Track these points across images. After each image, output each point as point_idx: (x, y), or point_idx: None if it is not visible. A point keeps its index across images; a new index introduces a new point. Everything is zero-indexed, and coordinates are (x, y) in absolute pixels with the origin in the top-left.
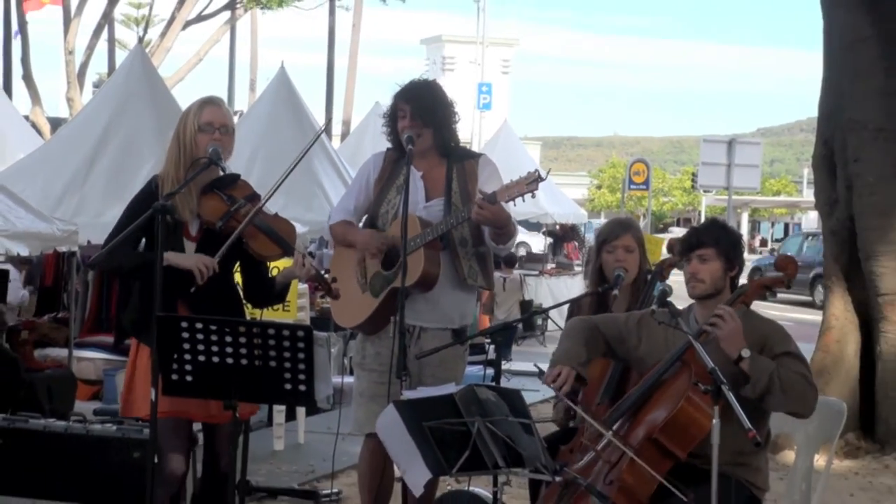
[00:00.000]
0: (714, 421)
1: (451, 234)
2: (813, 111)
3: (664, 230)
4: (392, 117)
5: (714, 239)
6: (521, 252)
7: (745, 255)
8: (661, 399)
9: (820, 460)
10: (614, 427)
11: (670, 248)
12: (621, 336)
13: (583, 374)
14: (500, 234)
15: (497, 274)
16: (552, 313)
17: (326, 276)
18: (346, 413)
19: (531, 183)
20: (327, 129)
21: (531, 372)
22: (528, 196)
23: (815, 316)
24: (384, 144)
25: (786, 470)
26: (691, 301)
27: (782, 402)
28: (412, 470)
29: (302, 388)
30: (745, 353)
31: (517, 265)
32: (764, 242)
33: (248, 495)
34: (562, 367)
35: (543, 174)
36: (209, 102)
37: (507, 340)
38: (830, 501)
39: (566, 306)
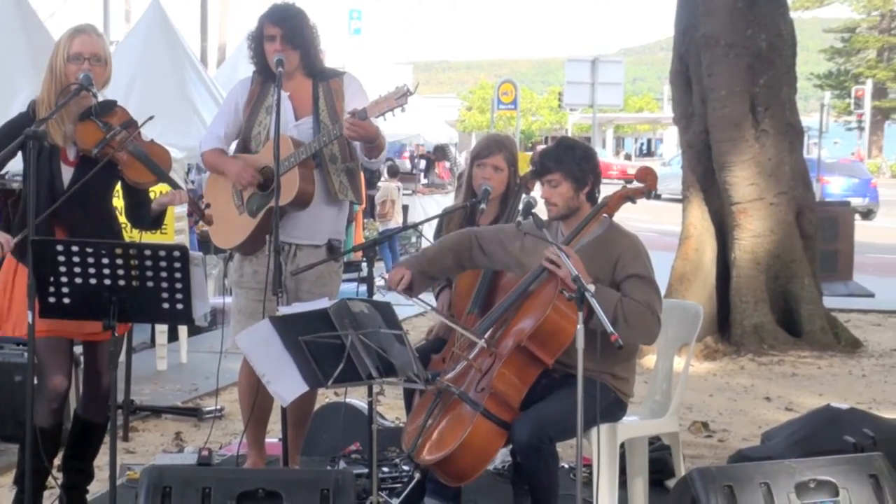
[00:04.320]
0: (578, 326)
1: (322, 152)
2: (672, 30)
3: (532, 148)
4: (258, 40)
5: (557, 163)
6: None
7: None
8: (529, 308)
9: (680, 363)
10: (485, 336)
11: (533, 162)
12: (500, 240)
13: (423, 276)
14: (371, 149)
15: (394, 183)
16: (426, 230)
17: (202, 201)
18: (227, 332)
19: (400, 97)
20: (203, 56)
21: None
22: (398, 111)
23: None
24: None
25: (649, 374)
26: None
27: (626, 333)
28: (281, 382)
29: (179, 306)
30: (590, 287)
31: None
32: (628, 157)
33: (132, 414)
34: (402, 269)
35: (412, 88)
36: (79, 32)
37: (393, 249)
38: (690, 401)
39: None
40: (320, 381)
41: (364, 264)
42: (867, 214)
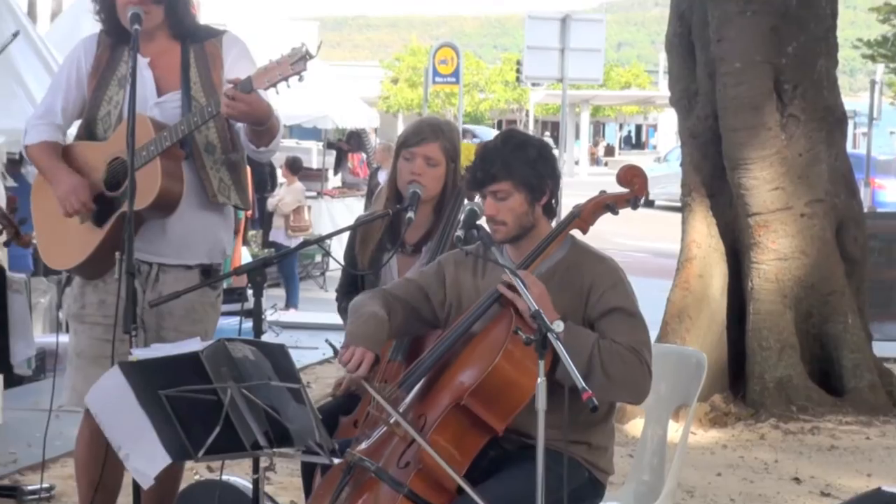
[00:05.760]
0: (538, 381)
1: (195, 139)
2: None
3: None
4: None
5: (505, 167)
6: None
7: (588, 166)
8: (471, 354)
9: (677, 430)
10: (412, 392)
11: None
12: (423, 293)
13: (377, 347)
14: (259, 133)
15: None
16: (334, 247)
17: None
18: (61, 383)
19: (297, 62)
20: (31, 8)
21: (310, 324)
22: (294, 81)
23: None
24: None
25: (635, 445)
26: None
27: (605, 390)
28: (140, 455)
29: None
30: (557, 325)
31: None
32: (610, 150)
33: None
34: (355, 348)
35: (312, 51)
36: None
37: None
38: (691, 482)
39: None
40: (188, 452)
41: (249, 292)
42: None
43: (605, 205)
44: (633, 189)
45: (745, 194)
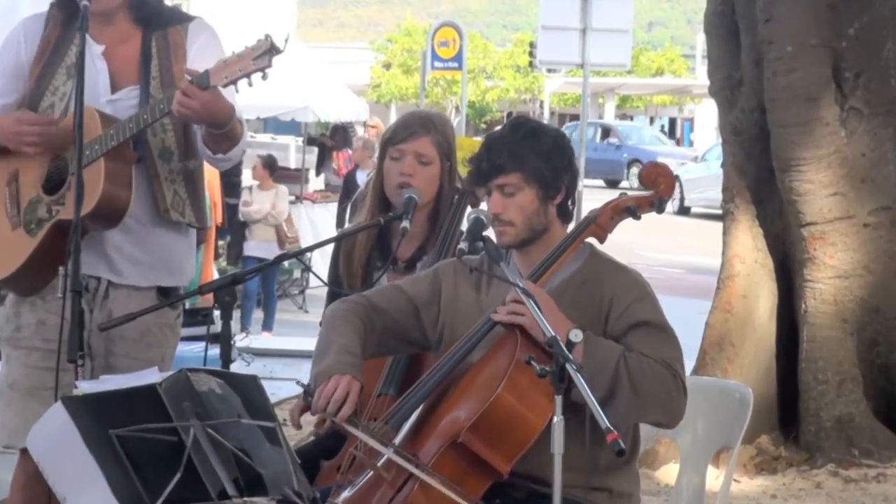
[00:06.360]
0: (555, 419)
1: (149, 142)
2: None
3: (487, 130)
4: None
5: (514, 157)
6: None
7: None
8: (470, 384)
9: (717, 476)
10: (403, 430)
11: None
12: (412, 306)
13: (361, 375)
14: (217, 137)
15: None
16: (316, 261)
17: None
18: None
19: (261, 56)
20: None
21: (287, 351)
22: (257, 77)
23: None
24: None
25: (668, 492)
26: None
27: (634, 408)
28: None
29: None
30: (575, 335)
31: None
32: None
33: None
34: (339, 377)
35: (280, 43)
36: None
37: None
38: None
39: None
40: (143, 502)
41: (216, 313)
42: None
43: (625, 208)
44: (659, 190)
45: (797, 201)
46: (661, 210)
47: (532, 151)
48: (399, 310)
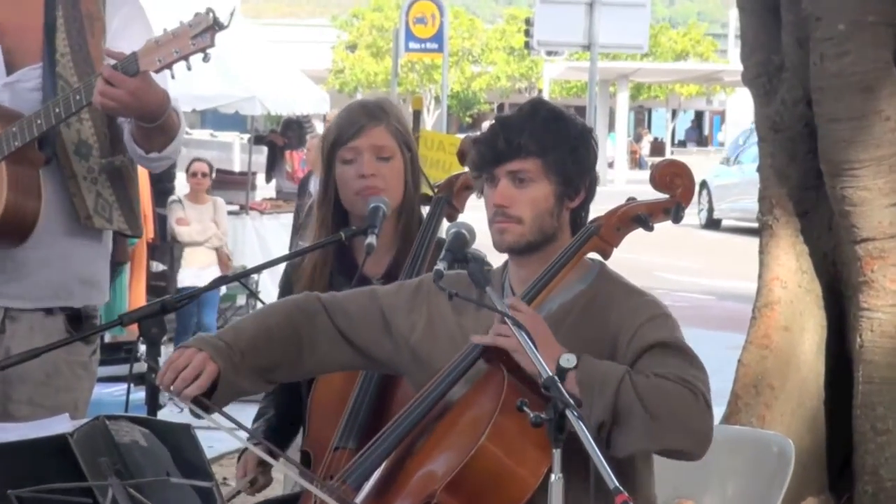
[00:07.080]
0: (553, 477)
1: (60, 136)
2: None
3: (474, 126)
4: None
5: (536, 140)
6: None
7: (627, 170)
8: (448, 431)
9: None
10: (364, 488)
11: (461, 155)
12: (373, 320)
13: (235, 372)
14: (149, 132)
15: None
16: (265, 283)
17: None
18: None
19: (200, 34)
20: None
21: None
22: (197, 59)
23: None
24: None
25: None
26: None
27: (651, 434)
28: None
29: None
30: (567, 360)
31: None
32: (659, 147)
33: None
34: (195, 354)
35: (224, 18)
36: None
37: (210, 327)
38: None
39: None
40: None
41: (142, 348)
42: None
43: (634, 217)
44: (675, 194)
45: (851, 212)
46: (677, 219)
47: (557, 137)
48: (364, 319)
